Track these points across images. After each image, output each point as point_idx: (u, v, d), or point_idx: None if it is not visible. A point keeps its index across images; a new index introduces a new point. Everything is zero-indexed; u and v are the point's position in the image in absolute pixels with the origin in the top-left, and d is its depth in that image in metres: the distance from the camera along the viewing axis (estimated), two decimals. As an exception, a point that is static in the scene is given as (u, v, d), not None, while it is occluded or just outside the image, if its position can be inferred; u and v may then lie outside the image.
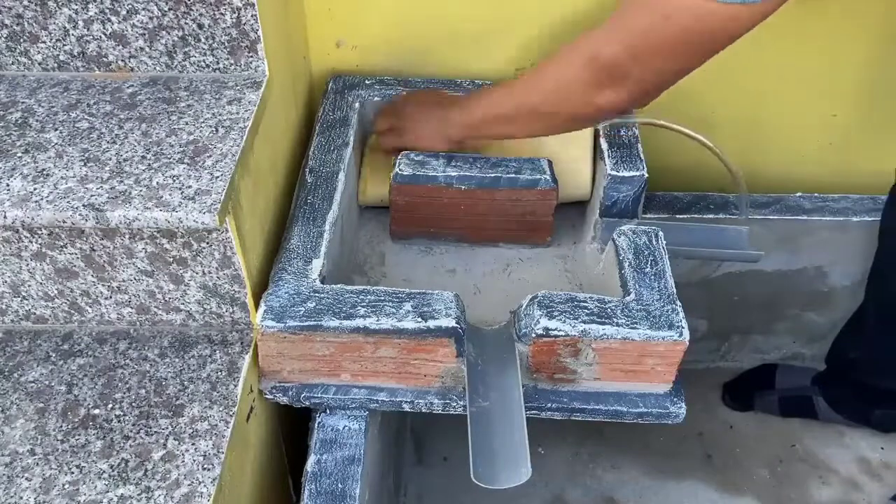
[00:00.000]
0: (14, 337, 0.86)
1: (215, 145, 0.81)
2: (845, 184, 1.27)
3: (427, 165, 0.99)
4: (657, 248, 0.90)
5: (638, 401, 0.87)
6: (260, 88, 0.88)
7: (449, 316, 0.81)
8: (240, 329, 0.87)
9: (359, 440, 0.86)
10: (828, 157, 1.29)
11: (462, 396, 0.86)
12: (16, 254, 0.80)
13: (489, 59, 1.16)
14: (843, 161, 1.29)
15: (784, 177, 1.29)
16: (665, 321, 0.82)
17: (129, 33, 0.87)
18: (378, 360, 0.85)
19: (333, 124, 1.06)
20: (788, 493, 1.33)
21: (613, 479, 1.34)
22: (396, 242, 1.07)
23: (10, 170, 0.78)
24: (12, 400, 0.79)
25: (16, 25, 0.86)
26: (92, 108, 0.86)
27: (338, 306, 0.82)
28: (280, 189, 0.99)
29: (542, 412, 0.87)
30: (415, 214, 1.03)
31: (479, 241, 1.06)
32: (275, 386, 0.87)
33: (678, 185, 1.22)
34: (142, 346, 0.85)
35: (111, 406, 0.79)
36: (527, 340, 0.83)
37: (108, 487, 0.72)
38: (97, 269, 0.81)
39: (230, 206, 0.77)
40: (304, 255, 0.88)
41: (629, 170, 0.98)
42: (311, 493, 0.82)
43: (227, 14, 0.85)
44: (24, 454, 0.75)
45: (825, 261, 1.27)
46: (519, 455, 0.75)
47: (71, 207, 0.74)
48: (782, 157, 1.29)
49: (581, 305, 0.83)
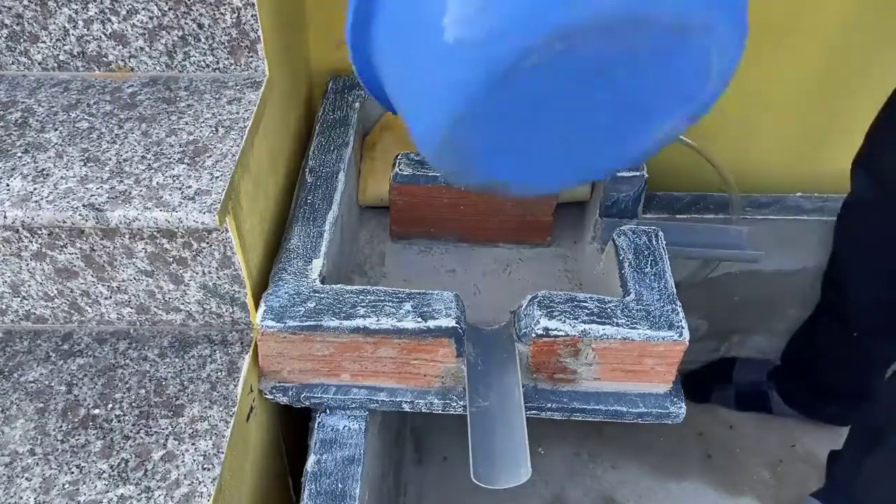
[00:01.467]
0: (14, 337, 0.86)
1: (215, 145, 0.81)
2: (845, 184, 1.27)
3: (427, 165, 0.99)
4: (657, 248, 0.90)
5: (638, 401, 0.87)
6: (260, 88, 0.88)
7: (449, 316, 0.81)
8: (240, 329, 0.87)
9: (359, 440, 0.86)
10: (828, 156, 1.29)
11: (462, 396, 0.86)
12: (16, 254, 0.80)
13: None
14: (843, 161, 1.29)
15: (784, 177, 1.29)
16: (665, 321, 0.82)
17: (129, 33, 0.87)
18: (378, 360, 0.85)
19: (333, 124, 1.06)
20: (788, 493, 1.33)
21: (613, 479, 1.34)
22: (396, 242, 1.08)
23: (10, 170, 0.78)
24: (12, 400, 0.79)
25: (16, 25, 0.86)
26: (92, 108, 0.86)
27: (338, 306, 0.82)
28: (280, 189, 0.99)
29: (542, 412, 0.87)
30: (415, 214, 1.03)
31: (479, 241, 1.06)
32: (275, 386, 0.87)
33: (678, 185, 1.22)
34: (142, 346, 0.85)
35: (111, 406, 0.79)
36: (527, 340, 0.83)
37: (108, 487, 0.72)
38: (97, 269, 0.81)
39: (230, 206, 0.77)
40: (304, 255, 0.88)
41: (629, 170, 0.98)
42: (311, 493, 0.82)
43: (227, 14, 0.85)
44: (24, 454, 0.75)
45: (825, 261, 1.27)
46: (519, 455, 0.75)
47: (71, 207, 0.74)
48: (782, 157, 1.29)
49: (581, 305, 0.83)
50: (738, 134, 1.24)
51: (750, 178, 1.25)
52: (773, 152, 1.28)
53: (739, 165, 1.15)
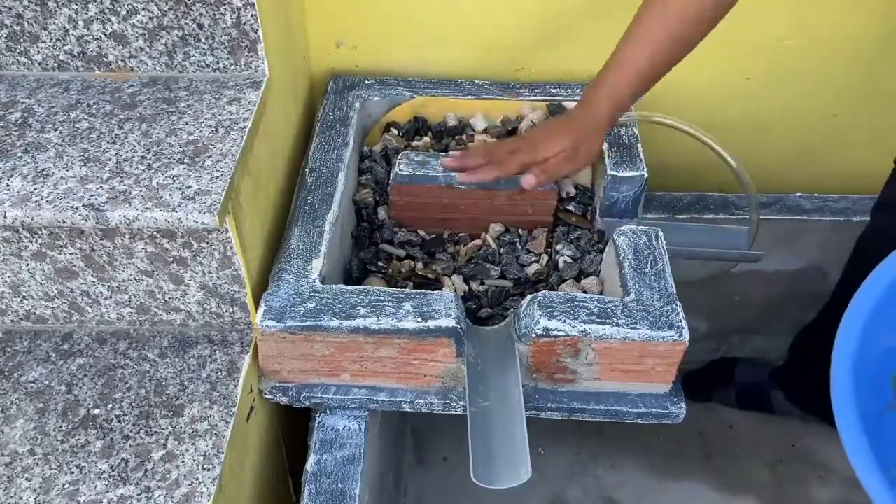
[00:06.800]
0: (14, 337, 0.86)
1: (215, 145, 0.81)
2: (845, 184, 1.27)
3: (427, 165, 1.00)
4: (657, 248, 0.90)
5: (638, 401, 0.87)
6: (260, 88, 0.88)
7: (449, 316, 0.81)
8: (240, 329, 0.87)
9: (359, 440, 0.86)
10: (828, 156, 1.29)
11: (462, 396, 0.86)
12: (16, 254, 0.80)
13: (488, 59, 1.16)
14: (843, 161, 1.29)
15: (784, 177, 1.29)
16: (665, 321, 0.82)
17: (129, 33, 0.87)
18: (378, 360, 0.85)
19: (333, 124, 1.06)
20: (788, 493, 1.33)
21: (613, 479, 1.34)
22: (396, 242, 1.07)
23: (10, 170, 0.78)
24: (12, 400, 0.79)
25: (16, 25, 0.86)
26: (92, 108, 0.86)
27: (338, 306, 0.82)
28: (280, 189, 0.99)
29: (542, 412, 0.87)
30: (415, 214, 1.03)
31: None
32: (275, 386, 0.87)
33: (678, 185, 1.22)
34: (142, 346, 0.85)
35: (111, 406, 0.79)
36: (527, 340, 0.83)
37: (108, 487, 0.72)
38: (97, 269, 0.81)
39: (230, 206, 0.77)
40: (304, 255, 0.88)
41: (629, 170, 0.98)
42: (311, 493, 0.82)
43: (227, 14, 0.85)
44: (24, 454, 0.75)
45: (825, 261, 1.27)
46: (519, 455, 0.75)
47: (71, 207, 0.74)
48: (782, 157, 1.29)
49: (581, 305, 0.83)
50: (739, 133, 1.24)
51: (752, 178, 1.25)
52: (775, 152, 1.28)
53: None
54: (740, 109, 1.23)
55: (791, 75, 1.19)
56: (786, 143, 1.28)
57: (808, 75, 1.19)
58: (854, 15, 1.12)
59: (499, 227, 1.03)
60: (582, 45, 1.13)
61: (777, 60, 1.17)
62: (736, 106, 1.22)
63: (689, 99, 1.19)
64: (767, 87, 1.20)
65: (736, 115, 1.23)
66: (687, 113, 1.04)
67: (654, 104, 1.07)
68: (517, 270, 0.98)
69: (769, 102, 1.22)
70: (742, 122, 1.24)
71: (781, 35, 1.14)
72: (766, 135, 1.27)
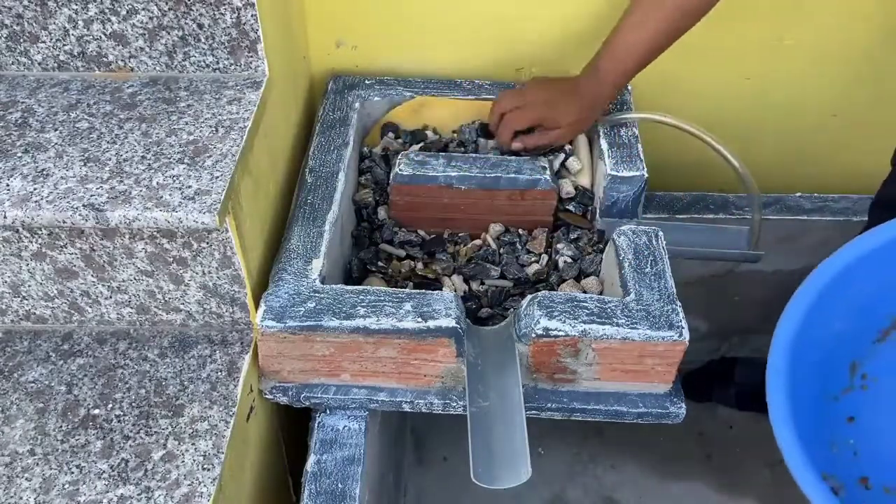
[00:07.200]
0: (14, 337, 0.86)
1: (215, 145, 0.81)
2: (845, 184, 1.27)
3: (427, 165, 1.00)
4: (657, 248, 0.90)
5: (638, 401, 0.87)
6: (260, 88, 0.88)
7: (449, 316, 0.81)
8: (240, 329, 0.87)
9: (359, 440, 0.86)
10: (828, 156, 1.29)
11: (462, 396, 0.86)
12: (16, 254, 0.80)
13: (488, 58, 1.16)
14: (843, 161, 1.29)
15: (784, 177, 1.29)
16: (665, 321, 0.82)
17: (129, 33, 0.87)
18: (378, 360, 0.85)
19: (333, 124, 1.06)
20: (788, 493, 1.33)
21: (613, 479, 1.34)
22: (396, 242, 1.07)
23: (10, 170, 0.78)
24: (12, 400, 0.79)
25: (16, 25, 0.86)
26: (92, 108, 0.86)
27: (338, 306, 0.82)
28: (280, 189, 0.99)
29: (542, 412, 0.87)
30: (415, 214, 1.03)
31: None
32: (275, 386, 0.87)
33: (678, 185, 1.22)
34: (142, 346, 0.85)
35: (111, 406, 0.79)
36: (527, 340, 0.83)
37: (108, 487, 0.72)
38: (97, 269, 0.81)
39: (230, 206, 0.77)
40: (304, 255, 0.88)
41: (629, 170, 0.98)
42: (311, 493, 0.82)
43: (227, 14, 0.85)
44: (24, 454, 0.75)
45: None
46: (519, 455, 0.75)
47: (71, 207, 0.74)
48: (782, 157, 1.29)
49: (581, 305, 0.83)
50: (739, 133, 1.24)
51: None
52: (775, 152, 1.28)
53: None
54: (740, 109, 1.23)
55: (791, 75, 1.19)
56: (786, 143, 1.28)
57: (808, 75, 1.19)
58: (854, 15, 1.12)
59: (499, 227, 1.03)
60: (582, 46, 1.13)
61: (777, 60, 1.17)
62: (736, 106, 1.22)
63: (689, 99, 1.19)
64: (767, 87, 1.20)
65: (736, 115, 1.23)
66: (687, 113, 1.03)
67: (655, 104, 1.07)
68: (517, 270, 0.98)
69: (769, 102, 1.22)
70: (742, 122, 1.24)
71: (781, 35, 1.14)
72: (766, 135, 1.27)
